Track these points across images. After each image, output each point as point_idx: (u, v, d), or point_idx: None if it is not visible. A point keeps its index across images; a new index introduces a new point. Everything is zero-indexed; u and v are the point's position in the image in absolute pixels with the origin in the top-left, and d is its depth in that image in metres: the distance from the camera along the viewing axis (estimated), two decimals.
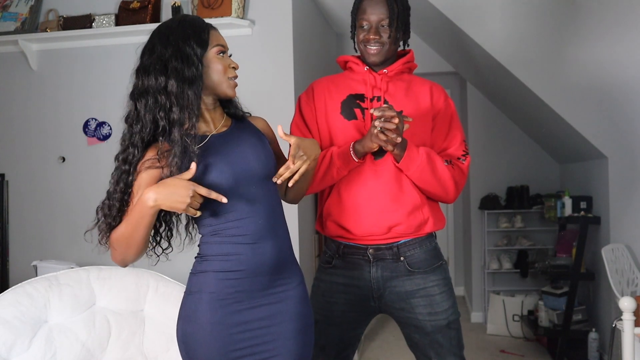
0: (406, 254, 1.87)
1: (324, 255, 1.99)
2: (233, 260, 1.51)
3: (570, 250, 4.21)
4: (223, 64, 1.56)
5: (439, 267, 1.91)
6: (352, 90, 1.93)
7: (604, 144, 3.63)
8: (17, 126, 3.69)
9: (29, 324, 1.93)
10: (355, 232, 1.86)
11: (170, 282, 2.23)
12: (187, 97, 1.48)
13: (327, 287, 1.93)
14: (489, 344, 4.63)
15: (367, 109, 1.88)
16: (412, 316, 1.88)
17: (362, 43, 1.90)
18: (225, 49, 1.58)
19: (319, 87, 1.97)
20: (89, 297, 2.11)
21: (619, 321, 2.27)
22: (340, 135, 1.89)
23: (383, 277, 1.87)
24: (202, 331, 1.50)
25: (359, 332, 2.01)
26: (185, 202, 1.40)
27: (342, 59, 2.01)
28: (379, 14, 1.86)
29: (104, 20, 3.54)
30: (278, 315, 1.55)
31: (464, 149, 1.91)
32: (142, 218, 1.44)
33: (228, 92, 1.58)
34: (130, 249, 1.48)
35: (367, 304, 1.91)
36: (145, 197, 1.42)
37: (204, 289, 1.52)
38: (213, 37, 1.56)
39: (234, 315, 1.50)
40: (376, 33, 1.86)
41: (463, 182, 1.89)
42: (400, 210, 1.84)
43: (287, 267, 1.59)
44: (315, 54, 4.30)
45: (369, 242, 1.87)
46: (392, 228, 1.85)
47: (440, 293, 1.87)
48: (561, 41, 3.58)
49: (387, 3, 1.86)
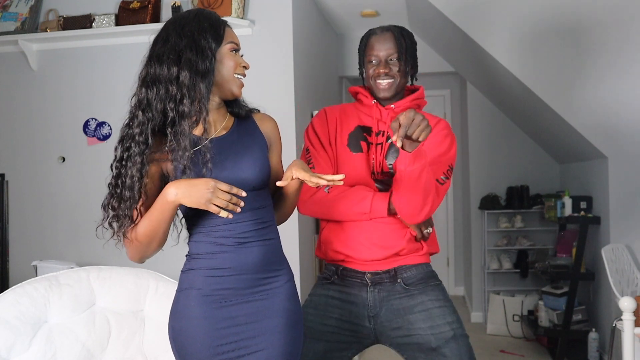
0: (403, 275, 1.86)
1: (322, 274, 1.98)
2: (218, 259, 1.53)
3: (570, 250, 4.21)
4: (235, 61, 1.55)
5: (436, 286, 1.88)
6: (360, 122, 1.94)
7: (604, 144, 3.63)
8: (17, 126, 3.69)
9: (29, 324, 1.93)
10: (356, 258, 1.86)
11: (170, 282, 2.23)
12: (199, 90, 1.47)
13: (323, 300, 1.90)
14: (489, 344, 4.64)
15: (372, 144, 1.90)
16: (411, 334, 1.81)
17: (372, 78, 1.90)
18: (238, 47, 1.57)
19: (331, 114, 1.98)
20: (89, 297, 2.11)
21: (619, 321, 2.27)
22: (346, 166, 1.89)
23: (380, 297, 1.85)
24: (190, 326, 1.52)
25: (344, 355, 1.89)
26: (205, 197, 1.40)
27: (353, 90, 2.02)
28: (387, 49, 1.87)
29: (104, 20, 3.54)
30: (265, 311, 1.55)
31: (444, 172, 1.85)
32: (163, 213, 1.44)
33: (235, 90, 1.56)
34: (152, 245, 1.50)
35: (362, 324, 1.86)
36: (166, 191, 1.43)
37: (192, 286, 1.54)
38: (228, 34, 1.55)
39: (220, 311, 1.52)
40: (386, 67, 1.87)
41: (437, 203, 1.82)
42: (402, 239, 1.84)
43: (275, 266, 1.59)
44: (315, 54, 4.30)
45: (368, 269, 1.86)
46: (395, 254, 1.85)
47: (439, 307, 1.82)
48: (561, 41, 3.58)
49: (394, 38, 1.88)
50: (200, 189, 1.40)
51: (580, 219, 3.91)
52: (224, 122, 1.60)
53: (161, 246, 1.53)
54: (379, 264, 1.86)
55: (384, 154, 1.89)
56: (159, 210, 1.45)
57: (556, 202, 4.32)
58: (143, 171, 1.46)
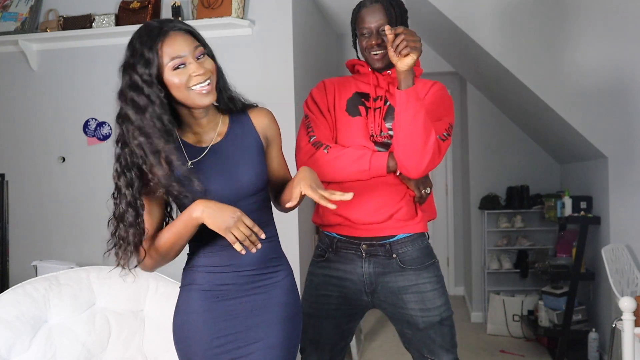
0: (398, 251, 1.89)
1: (316, 249, 2.02)
2: (217, 256, 1.56)
3: (570, 250, 4.21)
4: (180, 78, 1.44)
5: (431, 265, 1.93)
6: (358, 89, 1.98)
7: (604, 144, 3.63)
8: (17, 126, 3.69)
9: (29, 324, 1.93)
10: (354, 220, 1.88)
11: (170, 282, 2.23)
12: (149, 125, 1.42)
13: (321, 280, 1.95)
14: (489, 344, 4.63)
15: (370, 108, 1.92)
16: (404, 312, 1.90)
17: (365, 50, 1.94)
18: (182, 61, 1.44)
19: (330, 83, 2.01)
20: (89, 297, 2.11)
21: (619, 321, 2.27)
22: (344, 131, 1.92)
23: (375, 272, 1.90)
24: (190, 319, 1.56)
25: (352, 326, 2.03)
26: (227, 223, 1.41)
27: (350, 62, 2.05)
28: (377, 20, 1.90)
29: (104, 20, 3.54)
30: (263, 304, 1.58)
31: (446, 129, 1.86)
32: (186, 228, 1.46)
33: (198, 101, 1.47)
34: (169, 255, 1.53)
35: (360, 298, 1.93)
36: (193, 208, 1.44)
37: (193, 282, 1.58)
38: (164, 52, 1.43)
39: (220, 304, 1.55)
40: (378, 38, 1.90)
41: (438, 158, 1.81)
42: (401, 200, 1.87)
43: (273, 263, 1.62)
44: (315, 54, 4.30)
45: (365, 234, 1.89)
46: (393, 215, 1.87)
47: (432, 290, 1.89)
48: (562, 42, 3.58)
49: (384, 8, 1.90)
50: (226, 215, 1.42)
51: (580, 219, 3.91)
52: (218, 128, 1.58)
53: (176, 257, 1.55)
54: (376, 229, 1.88)
55: (382, 116, 1.91)
56: (182, 225, 1.47)
57: (556, 202, 4.32)
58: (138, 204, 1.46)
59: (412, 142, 1.75)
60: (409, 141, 1.76)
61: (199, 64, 1.46)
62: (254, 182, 1.56)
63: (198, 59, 1.47)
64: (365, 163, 1.83)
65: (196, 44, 1.48)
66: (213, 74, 1.50)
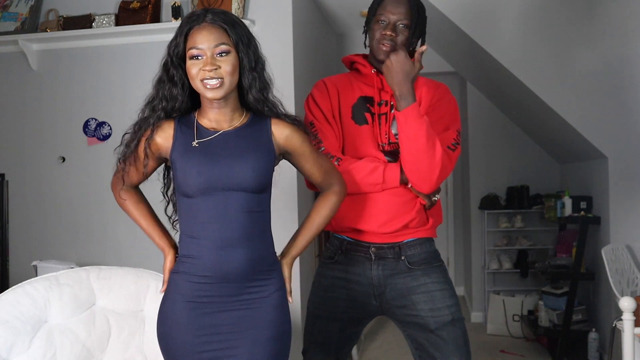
0: (407, 252, 1.88)
1: (326, 251, 2.00)
2: (198, 265, 1.53)
3: (570, 250, 4.21)
4: (193, 69, 1.52)
5: (439, 267, 1.92)
6: (362, 93, 1.92)
7: (604, 144, 3.63)
8: (17, 126, 3.69)
9: (29, 324, 1.93)
10: (367, 230, 1.87)
11: None
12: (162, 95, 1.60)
13: (329, 282, 1.93)
14: (489, 344, 4.64)
15: (376, 114, 1.88)
16: (414, 313, 1.85)
17: (376, 40, 1.86)
18: (199, 52, 1.51)
19: (330, 84, 1.94)
20: (89, 297, 2.10)
21: (619, 321, 2.27)
22: (352, 141, 1.88)
23: (384, 274, 1.87)
24: (173, 332, 1.55)
25: (359, 329, 2.01)
26: None
27: (348, 59, 1.99)
28: (399, 13, 1.83)
29: (104, 20, 3.54)
30: (249, 320, 1.54)
31: (454, 137, 1.85)
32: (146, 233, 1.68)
33: (205, 95, 1.54)
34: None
35: (369, 302, 1.90)
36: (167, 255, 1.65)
37: (178, 290, 1.56)
38: (188, 40, 1.53)
39: (203, 318, 1.53)
40: (393, 30, 1.83)
41: (449, 168, 1.81)
42: (412, 210, 1.86)
43: (262, 275, 1.57)
44: (315, 54, 4.30)
45: (375, 240, 1.87)
46: (406, 225, 1.85)
47: (440, 290, 1.86)
48: (562, 42, 3.58)
49: (409, 5, 1.84)
50: None
51: (580, 219, 3.91)
52: (234, 121, 1.60)
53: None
54: (388, 237, 1.87)
55: (389, 124, 1.87)
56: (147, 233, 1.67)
57: (556, 202, 4.32)
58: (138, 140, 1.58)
59: (418, 160, 1.75)
60: (414, 159, 1.75)
61: (212, 61, 1.50)
62: (250, 178, 1.53)
63: (219, 55, 1.51)
64: (378, 176, 1.80)
65: (221, 41, 1.51)
66: (229, 74, 1.52)
